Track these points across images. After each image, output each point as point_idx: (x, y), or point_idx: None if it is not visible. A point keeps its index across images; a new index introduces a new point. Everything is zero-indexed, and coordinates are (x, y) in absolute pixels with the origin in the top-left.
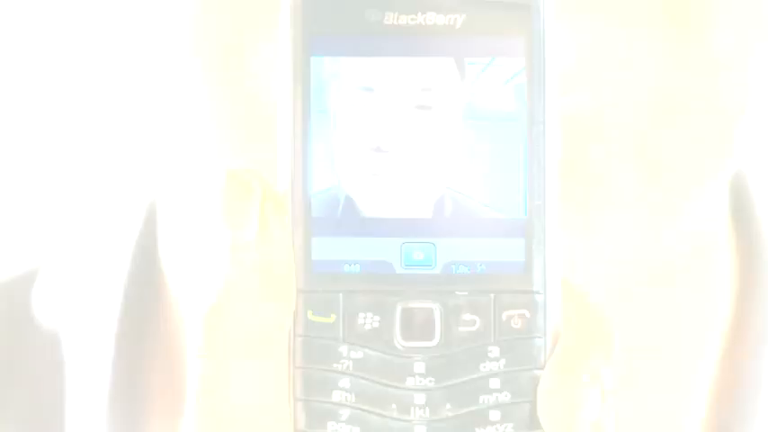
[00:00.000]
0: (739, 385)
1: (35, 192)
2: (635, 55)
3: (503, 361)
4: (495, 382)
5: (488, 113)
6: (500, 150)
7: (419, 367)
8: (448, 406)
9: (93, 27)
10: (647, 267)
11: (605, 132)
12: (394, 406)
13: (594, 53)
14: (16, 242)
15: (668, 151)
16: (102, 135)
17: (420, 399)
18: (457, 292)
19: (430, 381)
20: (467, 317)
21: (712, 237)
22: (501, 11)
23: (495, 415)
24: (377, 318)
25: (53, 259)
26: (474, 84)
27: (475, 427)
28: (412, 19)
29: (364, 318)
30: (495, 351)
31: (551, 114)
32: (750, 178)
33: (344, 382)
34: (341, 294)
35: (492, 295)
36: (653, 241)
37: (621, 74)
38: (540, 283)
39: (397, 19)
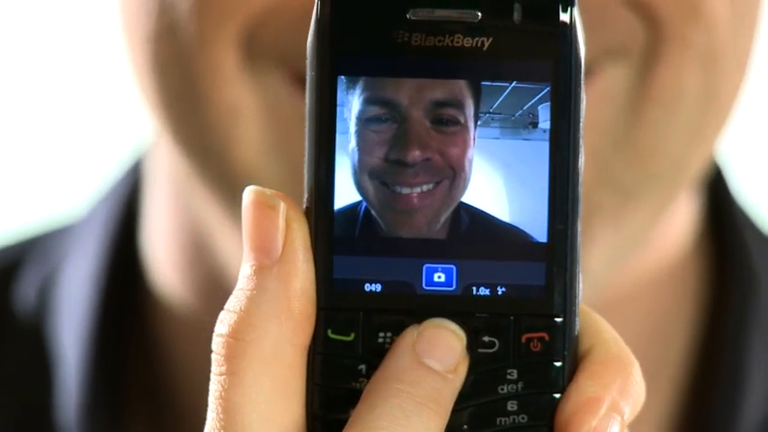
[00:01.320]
0: (719, 381)
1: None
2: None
3: (521, 383)
4: (512, 405)
5: (513, 136)
6: (524, 174)
7: None
8: (465, 427)
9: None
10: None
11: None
12: None
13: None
14: None
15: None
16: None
17: None
18: (476, 314)
19: None
20: (486, 338)
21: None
22: (527, 35)
23: None
24: (396, 337)
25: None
26: (499, 106)
27: None
28: (439, 41)
29: (383, 337)
30: (513, 373)
31: (576, 139)
32: (726, 182)
33: None
34: (361, 313)
35: (512, 318)
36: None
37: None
38: (560, 306)
39: (425, 40)
